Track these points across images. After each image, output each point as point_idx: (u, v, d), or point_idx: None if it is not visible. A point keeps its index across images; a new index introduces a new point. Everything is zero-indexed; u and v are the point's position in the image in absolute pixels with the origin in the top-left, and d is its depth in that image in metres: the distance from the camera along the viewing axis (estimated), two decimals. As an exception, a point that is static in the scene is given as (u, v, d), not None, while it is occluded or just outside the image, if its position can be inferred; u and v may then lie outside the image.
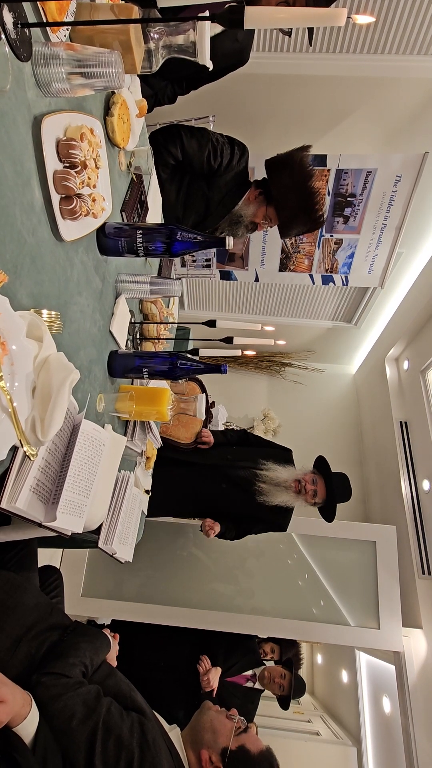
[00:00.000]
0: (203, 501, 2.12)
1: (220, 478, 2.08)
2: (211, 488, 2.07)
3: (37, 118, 0.71)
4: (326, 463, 2.12)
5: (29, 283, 0.71)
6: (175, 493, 2.04)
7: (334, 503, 2.06)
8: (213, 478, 2.08)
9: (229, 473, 2.08)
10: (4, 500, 0.68)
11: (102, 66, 0.69)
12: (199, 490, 2.09)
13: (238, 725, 1.15)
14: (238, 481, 2.06)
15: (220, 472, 2.09)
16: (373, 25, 2.15)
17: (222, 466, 2.11)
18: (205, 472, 2.09)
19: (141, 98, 1.23)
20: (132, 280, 1.17)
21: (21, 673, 0.91)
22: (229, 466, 2.11)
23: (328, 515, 2.10)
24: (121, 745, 0.88)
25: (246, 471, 2.08)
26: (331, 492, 2.05)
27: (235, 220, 1.90)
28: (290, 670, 2.47)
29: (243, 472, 2.08)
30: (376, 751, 2.95)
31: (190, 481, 2.08)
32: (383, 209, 2.57)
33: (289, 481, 2.04)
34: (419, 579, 2.65)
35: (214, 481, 2.07)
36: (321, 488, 2.05)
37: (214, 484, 2.07)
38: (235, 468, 2.10)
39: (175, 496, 2.06)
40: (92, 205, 0.86)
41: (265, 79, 2.37)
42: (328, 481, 2.06)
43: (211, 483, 2.07)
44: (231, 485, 2.06)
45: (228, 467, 2.10)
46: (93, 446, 0.84)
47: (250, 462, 2.11)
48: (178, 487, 2.06)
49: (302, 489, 2.03)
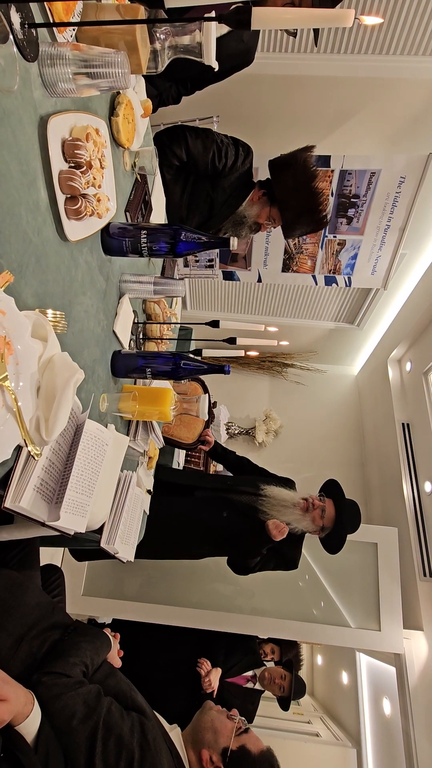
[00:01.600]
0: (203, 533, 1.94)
1: (220, 504, 1.93)
2: (211, 517, 1.92)
3: (43, 118, 0.71)
4: (338, 485, 1.95)
5: (34, 282, 0.71)
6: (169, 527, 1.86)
7: (343, 529, 1.87)
8: (213, 506, 1.93)
9: (230, 499, 1.94)
10: (8, 499, 0.68)
11: (108, 66, 0.69)
12: (199, 520, 1.93)
13: (239, 725, 1.15)
14: (240, 507, 1.91)
15: (220, 499, 1.95)
16: (378, 25, 2.15)
17: (222, 490, 1.98)
18: (204, 496, 1.96)
19: (146, 98, 1.23)
20: (135, 280, 1.17)
21: (22, 672, 0.91)
22: (229, 490, 1.97)
23: (335, 544, 1.89)
24: (121, 745, 0.88)
25: (247, 496, 1.93)
26: (341, 514, 1.87)
27: (239, 220, 1.90)
28: (290, 671, 2.47)
29: (244, 497, 1.93)
30: (375, 753, 2.95)
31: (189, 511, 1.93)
32: (387, 210, 2.57)
33: (296, 498, 1.89)
34: (420, 581, 2.64)
35: (216, 509, 1.93)
36: (330, 509, 1.88)
37: (215, 512, 1.92)
38: (235, 493, 1.96)
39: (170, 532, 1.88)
40: (97, 205, 0.86)
41: (269, 80, 2.37)
42: (339, 503, 1.89)
43: (211, 511, 1.93)
44: (233, 512, 1.91)
45: (228, 492, 1.97)
46: (96, 446, 0.84)
47: (251, 487, 1.96)
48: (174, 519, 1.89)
49: (310, 506, 1.86)
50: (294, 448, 4.26)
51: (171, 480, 1.97)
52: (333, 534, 1.89)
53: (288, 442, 4.30)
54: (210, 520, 1.92)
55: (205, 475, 2.29)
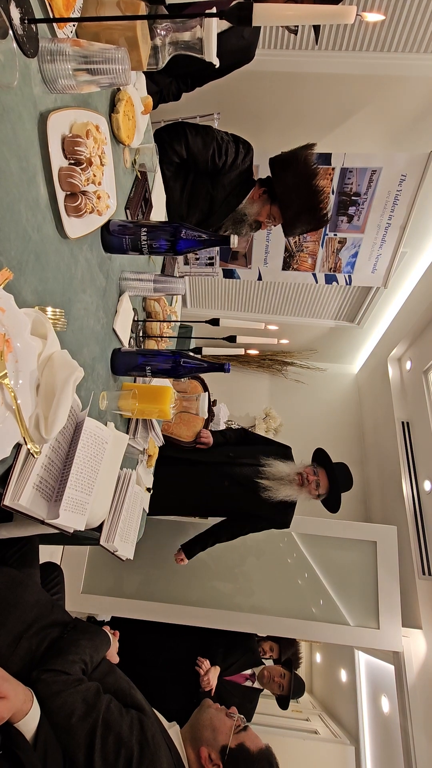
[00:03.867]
0: (206, 499, 2.12)
1: (222, 476, 2.08)
2: (213, 486, 2.07)
3: (43, 114, 0.70)
4: (325, 453, 2.13)
5: (34, 280, 0.71)
6: (177, 491, 2.05)
7: (338, 493, 2.06)
8: (215, 476, 2.08)
9: (231, 471, 2.08)
10: (7, 497, 0.68)
11: (108, 62, 0.69)
12: (201, 488, 2.09)
13: (237, 723, 1.15)
14: (240, 479, 2.06)
15: (222, 471, 2.09)
16: (380, 22, 2.14)
17: (224, 464, 2.11)
18: (207, 470, 2.09)
19: (146, 95, 1.23)
20: (136, 278, 1.17)
21: (21, 670, 0.91)
22: (230, 463, 2.11)
23: (333, 505, 2.09)
24: (120, 742, 0.88)
25: (248, 468, 2.08)
26: (334, 481, 2.05)
27: (239, 218, 1.89)
28: (290, 669, 2.47)
29: (245, 469, 2.08)
30: (374, 751, 2.96)
31: (192, 480, 2.08)
32: (388, 208, 2.56)
33: (292, 474, 2.05)
34: (419, 579, 2.64)
35: (217, 480, 2.08)
36: (323, 479, 2.06)
37: (217, 482, 2.07)
38: (237, 466, 2.10)
39: (177, 494, 2.06)
40: (97, 202, 0.86)
41: (270, 77, 2.36)
42: (330, 471, 2.07)
43: (213, 481, 2.08)
44: (234, 483, 2.07)
45: (230, 465, 2.11)
46: (96, 444, 0.84)
47: (252, 459, 2.12)
48: (180, 485, 2.06)
49: (305, 481, 2.03)
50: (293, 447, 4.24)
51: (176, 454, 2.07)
52: (330, 497, 2.09)
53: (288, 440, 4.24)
54: (212, 489, 2.08)
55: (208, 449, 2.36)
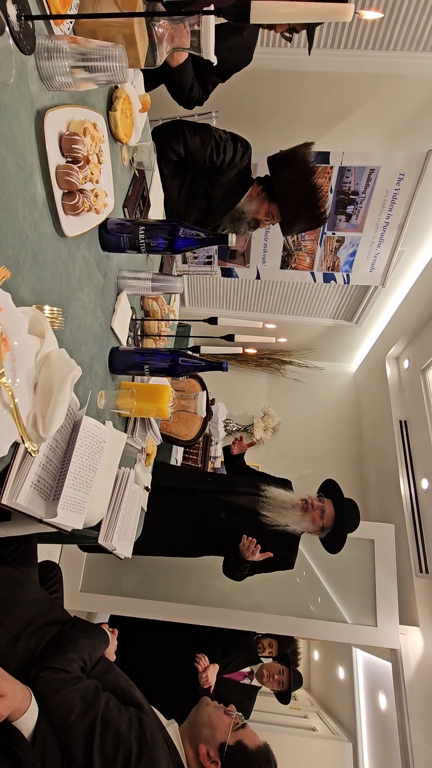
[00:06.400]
0: (201, 534, 1.94)
1: (219, 505, 1.91)
2: (209, 518, 1.90)
3: (40, 112, 0.70)
4: (336, 485, 1.94)
5: (31, 278, 0.70)
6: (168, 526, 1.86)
7: (343, 530, 1.86)
8: (211, 507, 1.91)
9: (228, 500, 1.91)
10: (5, 496, 0.68)
11: (105, 60, 0.68)
12: (196, 521, 1.91)
13: (236, 721, 1.16)
14: (238, 509, 1.89)
15: (218, 499, 1.92)
16: (378, 20, 2.14)
17: (220, 492, 1.95)
18: (202, 498, 1.93)
19: (144, 93, 1.22)
20: (133, 277, 1.17)
21: (20, 668, 0.92)
22: (227, 492, 1.94)
23: (336, 544, 1.88)
24: (119, 740, 0.89)
25: (246, 497, 1.91)
26: (340, 513, 1.86)
27: (238, 217, 1.89)
28: (288, 665, 2.48)
29: (243, 498, 1.91)
30: (371, 747, 2.97)
31: (185, 512, 1.91)
32: (386, 207, 2.56)
33: (295, 499, 1.88)
34: (416, 577, 2.66)
35: (213, 510, 1.90)
36: (329, 508, 1.87)
37: (213, 513, 1.90)
38: (234, 494, 1.93)
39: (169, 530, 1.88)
40: (95, 200, 0.86)
41: (268, 75, 2.36)
42: (338, 502, 1.88)
43: (209, 512, 1.90)
44: (231, 513, 1.89)
45: (226, 493, 1.94)
46: (94, 443, 0.83)
47: (250, 487, 1.94)
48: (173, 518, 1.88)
49: (309, 506, 1.86)
50: (292, 445, 4.27)
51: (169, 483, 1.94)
52: (333, 533, 1.89)
53: (286, 439, 4.31)
54: (208, 521, 1.91)
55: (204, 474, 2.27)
